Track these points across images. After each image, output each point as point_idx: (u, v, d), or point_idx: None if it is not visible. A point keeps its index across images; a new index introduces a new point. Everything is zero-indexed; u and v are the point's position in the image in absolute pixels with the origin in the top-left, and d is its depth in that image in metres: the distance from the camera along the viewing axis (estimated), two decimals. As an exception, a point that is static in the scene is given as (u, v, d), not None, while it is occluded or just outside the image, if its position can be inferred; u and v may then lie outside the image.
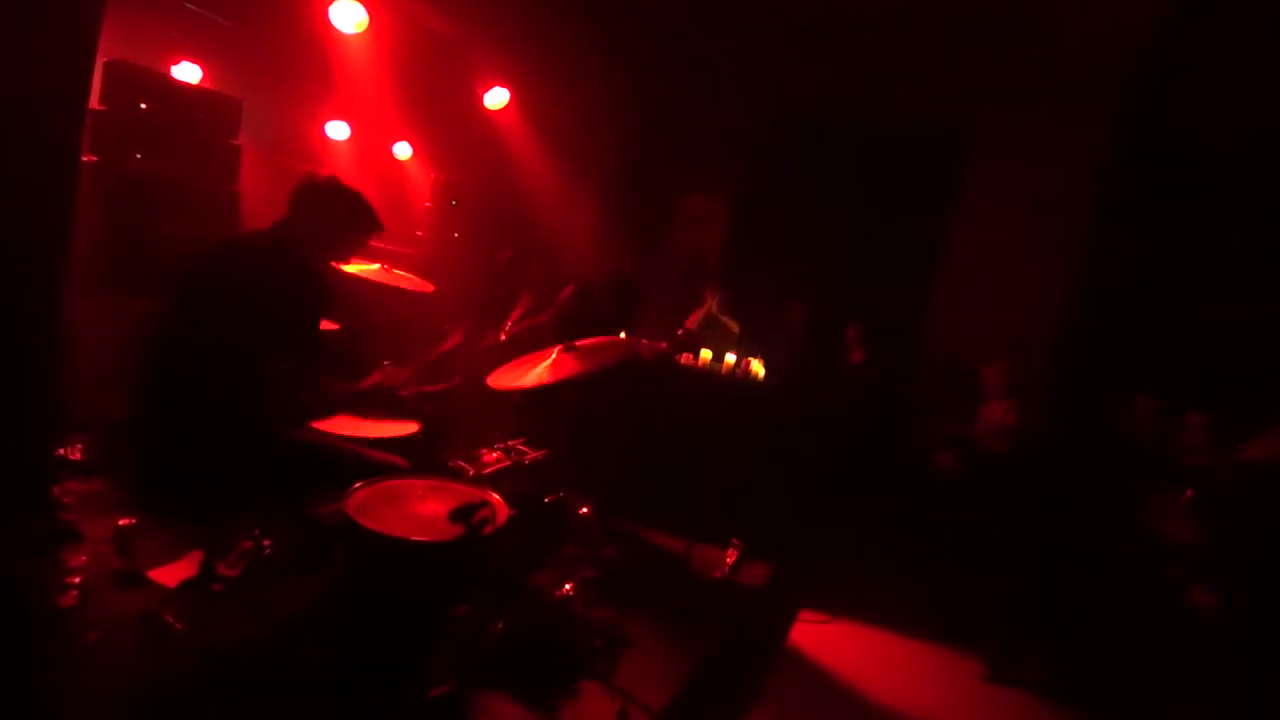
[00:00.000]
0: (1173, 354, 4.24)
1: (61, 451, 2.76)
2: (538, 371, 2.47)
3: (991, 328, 4.73)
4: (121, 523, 2.21)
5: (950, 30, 4.68)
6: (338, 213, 2.26)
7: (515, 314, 4.56)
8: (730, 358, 4.29)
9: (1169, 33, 4.07)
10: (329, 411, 2.49)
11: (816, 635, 3.19)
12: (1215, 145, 4.38)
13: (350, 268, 2.89)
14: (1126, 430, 3.63)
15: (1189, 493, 3.05)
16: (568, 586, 2.49)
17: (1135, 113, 4.57)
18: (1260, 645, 2.60)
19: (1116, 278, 4.59)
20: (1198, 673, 2.66)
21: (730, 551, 3.37)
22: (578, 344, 2.58)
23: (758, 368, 4.25)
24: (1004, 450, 3.86)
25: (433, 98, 5.19)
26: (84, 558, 2.10)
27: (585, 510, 2.77)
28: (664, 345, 4.53)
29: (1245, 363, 3.88)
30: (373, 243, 2.47)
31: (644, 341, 4.50)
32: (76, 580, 2.03)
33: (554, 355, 2.51)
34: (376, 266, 3.07)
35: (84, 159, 2.74)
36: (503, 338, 4.22)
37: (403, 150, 5.79)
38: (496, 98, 5.03)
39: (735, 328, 4.75)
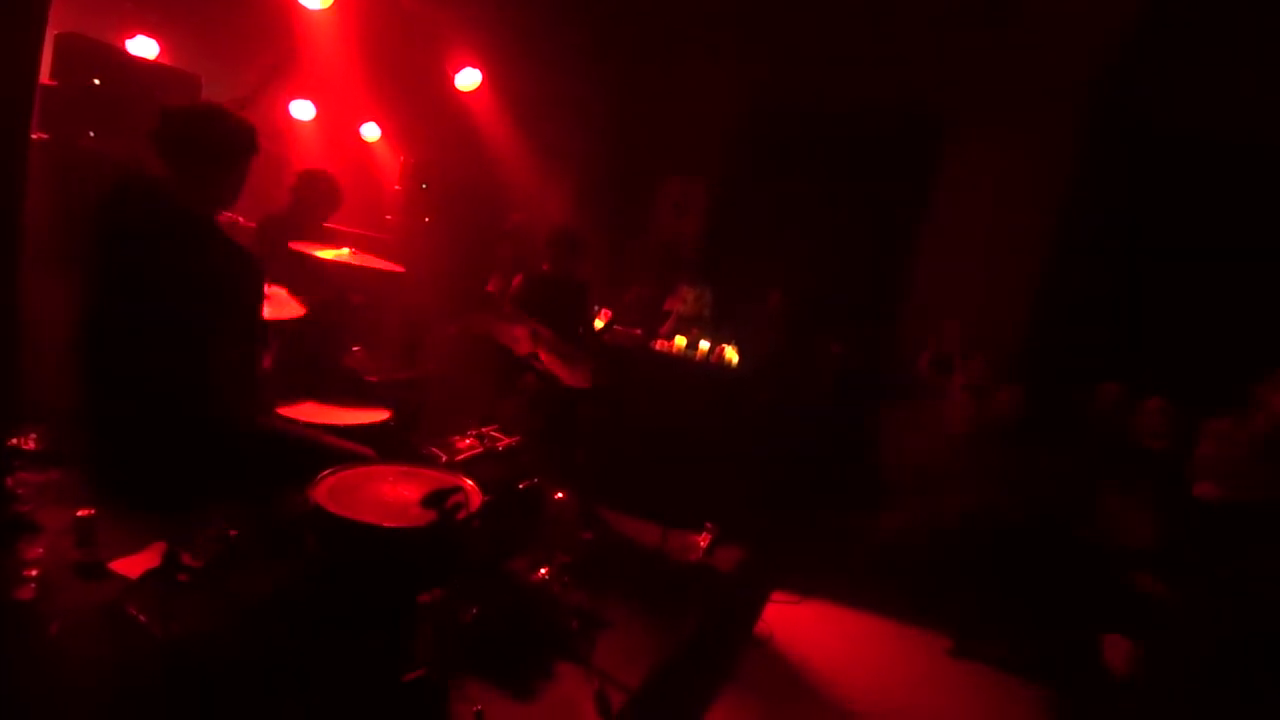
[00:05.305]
0: (1142, 339, 4.37)
1: (15, 441, 2.67)
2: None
3: (968, 313, 4.80)
4: (80, 514, 2.15)
5: (928, 19, 4.71)
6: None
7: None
8: (704, 344, 4.30)
9: (1145, 24, 4.15)
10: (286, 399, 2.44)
11: (788, 615, 3.24)
12: (1187, 136, 4.47)
13: (320, 252, 2.82)
14: (1091, 415, 3.73)
15: (1146, 486, 3.14)
16: (543, 570, 2.50)
17: (1108, 102, 4.65)
18: (1209, 630, 2.68)
19: (1088, 263, 4.70)
20: (1149, 653, 2.75)
21: (704, 535, 3.41)
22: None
23: (731, 354, 4.27)
24: (964, 432, 3.95)
25: (402, 77, 5.06)
26: (41, 550, 2.04)
27: (561, 495, 2.77)
28: (638, 331, 4.54)
29: (1214, 346, 3.98)
30: (340, 226, 2.41)
31: (617, 327, 4.50)
32: (34, 573, 1.97)
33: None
34: (346, 251, 3.00)
35: (34, 136, 2.62)
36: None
37: (371, 132, 5.65)
38: (468, 79, 4.93)
39: (707, 312, 4.76)
